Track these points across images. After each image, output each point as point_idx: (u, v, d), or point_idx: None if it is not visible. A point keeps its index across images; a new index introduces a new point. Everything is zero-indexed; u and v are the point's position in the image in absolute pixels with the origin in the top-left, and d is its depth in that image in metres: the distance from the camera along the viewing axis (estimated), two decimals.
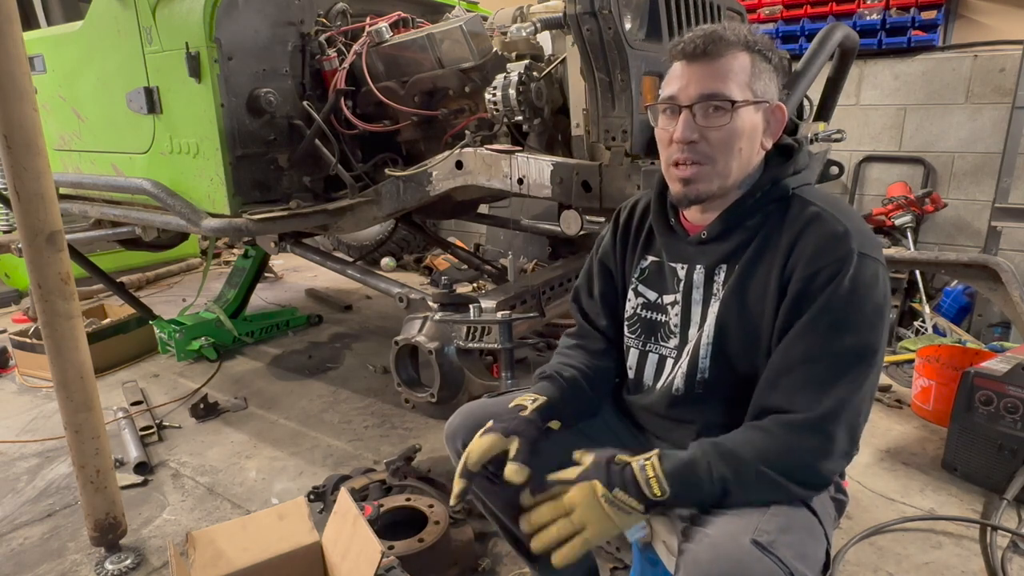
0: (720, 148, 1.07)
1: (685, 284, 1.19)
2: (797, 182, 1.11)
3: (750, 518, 0.95)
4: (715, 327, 1.13)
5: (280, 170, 2.44)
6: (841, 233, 1.02)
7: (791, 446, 0.98)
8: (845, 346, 0.99)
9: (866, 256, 1.01)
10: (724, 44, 1.06)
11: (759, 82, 1.08)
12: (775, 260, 1.07)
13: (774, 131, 1.12)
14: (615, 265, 1.35)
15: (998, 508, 1.92)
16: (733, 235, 1.13)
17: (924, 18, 3.44)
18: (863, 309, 1.00)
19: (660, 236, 1.24)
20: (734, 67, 1.06)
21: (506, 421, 1.16)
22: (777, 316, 1.06)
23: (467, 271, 4.42)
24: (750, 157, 1.10)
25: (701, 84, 1.06)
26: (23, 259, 1.61)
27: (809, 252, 1.03)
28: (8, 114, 1.46)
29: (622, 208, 1.36)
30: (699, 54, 1.06)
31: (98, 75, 2.59)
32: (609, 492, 0.98)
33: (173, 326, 3.28)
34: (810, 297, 1.01)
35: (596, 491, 0.99)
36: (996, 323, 3.35)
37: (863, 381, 1.00)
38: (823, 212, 1.05)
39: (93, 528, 1.77)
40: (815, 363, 1.00)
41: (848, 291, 0.99)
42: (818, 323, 1.00)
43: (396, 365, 2.12)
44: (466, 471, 1.13)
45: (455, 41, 2.22)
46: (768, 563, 0.88)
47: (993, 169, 3.35)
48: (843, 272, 1.00)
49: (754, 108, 1.08)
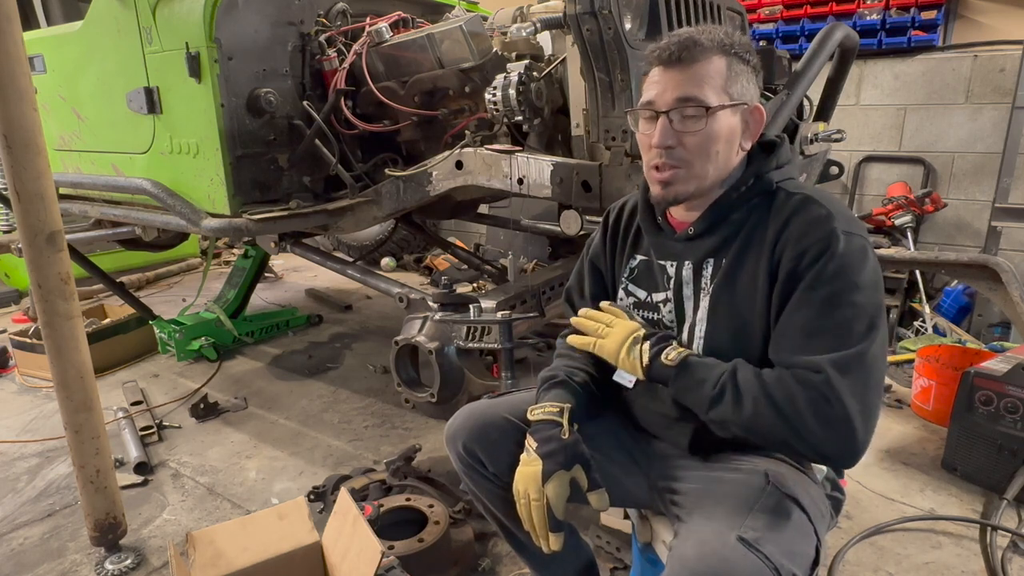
0: (696, 152, 1.09)
1: (675, 281, 1.19)
2: (781, 176, 1.13)
3: (737, 515, 0.96)
4: (707, 321, 1.14)
5: (280, 170, 2.44)
6: (824, 215, 1.04)
7: (794, 394, 0.98)
8: (842, 317, 1.00)
9: (852, 234, 1.03)
10: (700, 49, 1.07)
11: (736, 85, 1.09)
12: (763, 251, 1.08)
13: (753, 132, 1.13)
14: (605, 266, 1.36)
15: (998, 508, 1.92)
16: (719, 230, 1.14)
17: (924, 18, 3.43)
18: (854, 280, 1.00)
19: (648, 235, 1.26)
20: (710, 71, 1.07)
21: (557, 452, 1.12)
22: (770, 303, 1.07)
23: (467, 271, 4.42)
24: (728, 159, 1.12)
25: (677, 90, 1.08)
26: (23, 259, 1.60)
27: (795, 236, 1.04)
28: (8, 114, 1.46)
29: (611, 209, 1.37)
30: (675, 60, 1.08)
31: (98, 75, 2.58)
32: (641, 339, 1.13)
33: (173, 326, 3.28)
34: (800, 274, 1.03)
35: (633, 331, 1.16)
36: (996, 323, 3.35)
37: (866, 349, 0.98)
38: (806, 198, 1.08)
39: (93, 528, 1.77)
40: (814, 334, 1.00)
41: (837, 265, 1.00)
42: (812, 296, 1.01)
43: (396, 365, 2.12)
44: (556, 523, 1.10)
45: (455, 41, 2.22)
46: (753, 559, 0.88)
47: (993, 169, 3.35)
48: (831, 248, 1.01)
49: (731, 111, 1.09)
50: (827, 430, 0.96)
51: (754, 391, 1.01)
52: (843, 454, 0.98)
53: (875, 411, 0.99)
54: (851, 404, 0.95)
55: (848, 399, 0.95)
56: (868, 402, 0.97)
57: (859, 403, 0.96)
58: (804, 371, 0.98)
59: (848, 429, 0.95)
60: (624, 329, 1.17)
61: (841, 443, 0.97)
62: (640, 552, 1.37)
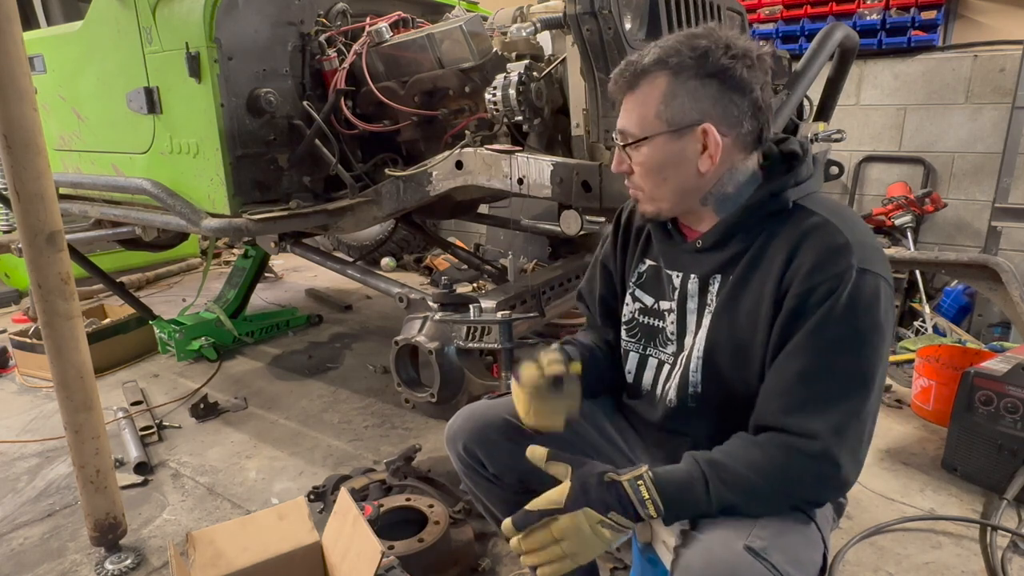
0: (644, 180, 1.10)
1: (680, 293, 1.17)
2: (799, 193, 1.06)
3: (744, 523, 0.94)
4: (705, 340, 1.11)
5: (280, 170, 2.44)
6: (841, 246, 0.97)
7: (790, 470, 0.96)
8: (842, 368, 0.96)
9: (867, 272, 0.96)
10: (640, 74, 1.05)
11: (673, 106, 1.02)
12: (770, 273, 1.03)
13: (711, 152, 1.03)
14: (615, 267, 1.34)
15: (998, 508, 1.92)
16: (729, 245, 1.10)
17: (924, 18, 3.43)
18: (861, 329, 0.96)
19: (657, 241, 1.23)
20: (646, 98, 1.05)
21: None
22: (771, 332, 1.02)
23: (467, 271, 4.42)
24: (688, 181, 1.06)
25: (619, 120, 1.10)
26: (23, 259, 1.60)
27: (807, 267, 0.98)
28: (8, 114, 1.46)
29: (623, 209, 1.35)
30: (623, 88, 1.08)
31: (98, 75, 2.58)
32: (604, 516, 0.96)
33: (173, 326, 3.28)
34: (806, 314, 0.98)
35: (590, 520, 0.96)
36: (996, 323, 3.35)
37: (862, 405, 0.96)
38: (823, 223, 1.00)
39: (93, 528, 1.76)
40: (811, 384, 0.97)
41: (845, 308, 0.95)
42: (814, 341, 0.97)
43: (396, 365, 2.12)
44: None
45: (455, 41, 2.22)
46: (760, 569, 0.87)
47: (993, 169, 3.35)
48: (841, 289, 0.95)
49: (666, 138, 1.04)
50: (822, 488, 0.98)
51: (747, 473, 0.96)
52: (834, 499, 1.07)
53: (865, 456, 1.00)
54: (846, 464, 0.95)
55: (844, 459, 0.95)
56: (861, 455, 0.98)
57: (853, 460, 0.97)
58: (798, 438, 0.96)
59: (840, 482, 0.97)
60: (577, 534, 0.96)
61: (834, 494, 1.02)
62: (640, 552, 1.37)
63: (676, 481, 0.98)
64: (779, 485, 0.96)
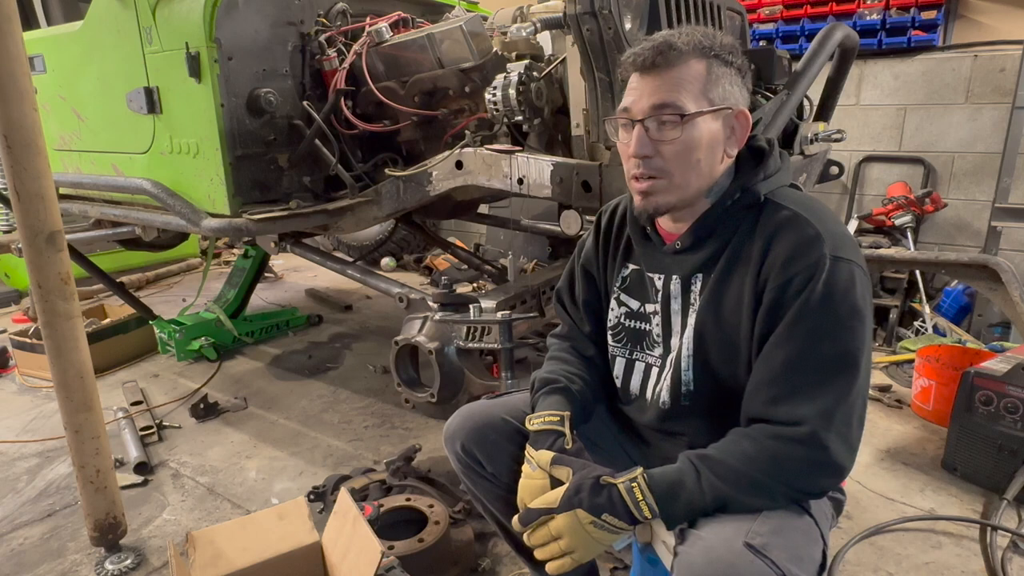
0: (675, 162, 1.05)
1: (663, 295, 1.17)
2: (769, 187, 1.08)
3: (744, 521, 0.95)
4: (693, 338, 1.12)
5: (280, 170, 2.44)
6: (812, 237, 1.00)
7: (781, 457, 0.97)
8: (825, 353, 0.97)
9: (840, 259, 0.99)
10: (676, 53, 1.02)
11: (716, 89, 1.04)
12: (748, 268, 1.05)
13: (739, 137, 1.08)
14: (597, 271, 1.33)
15: (998, 508, 1.92)
16: (706, 244, 1.11)
17: (924, 18, 3.43)
18: (839, 314, 0.98)
19: (637, 245, 1.23)
20: (687, 76, 1.03)
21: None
22: (755, 325, 1.04)
23: (467, 271, 4.42)
24: (712, 167, 1.07)
25: (653, 96, 1.03)
26: (23, 259, 1.60)
27: (781, 259, 1.01)
28: (8, 114, 1.46)
29: (603, 212, 1.34)
30: (650, 65, 1.04)
31: (98, 75, 2.58)
32: (597, 518, 0.99)
33: (173, 326, 3.28)
34: (785, 305, 1.00)
35: (582, 520, 1.00)
36: (996, 323, 3.35)
37: (848, 388, 0.97)
38: (793, 216, 1.03)
39: (93, 528, 1.76)
40: (796, 372, 0.98)
41: (822, 296, 0.97)
42: (795, 331, 0.99)
43: (396, 365, 2.12)
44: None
45: (455, 41, 2.21)
46: (761, 566, 0.87)
47: (993, 169, 3.35)
48: (816, 277, 0.98)
49: (711, 117, 1.04)
50: (814, 474, 0.97)
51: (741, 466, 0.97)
52: (831, 487, 1.02)
53: (859, 440, 0.99)
54: (835, 446, 0.95)
55: (832, 442, 0.95)
56: (852, 439, 0.98)
57: (844, 443, 0.96)
58: (785, 426, 0.97)
59: (833, 466, 0.96)
60: (573, 532, 1.01)
61: (829, 481, 0.99)
62: (640, 552, 1.37)
63: (669, 479, 1.00)
64: (771, 473, 0.97)
